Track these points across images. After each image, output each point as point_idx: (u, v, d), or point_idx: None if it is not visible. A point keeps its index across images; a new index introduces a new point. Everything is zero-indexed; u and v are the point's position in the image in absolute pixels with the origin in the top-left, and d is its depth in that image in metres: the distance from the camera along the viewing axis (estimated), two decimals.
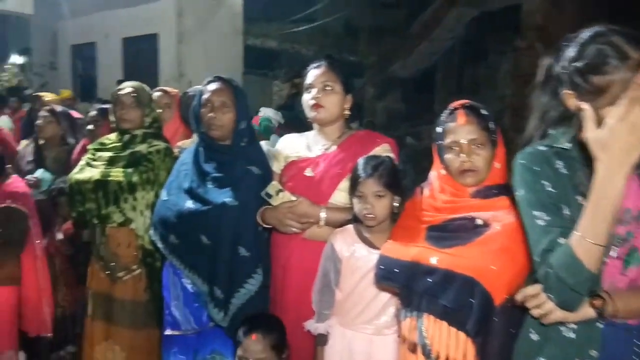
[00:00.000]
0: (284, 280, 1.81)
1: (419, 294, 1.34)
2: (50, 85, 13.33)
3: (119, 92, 2.27)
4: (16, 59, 16.27)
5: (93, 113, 2.68)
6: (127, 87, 2.29)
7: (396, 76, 8.89)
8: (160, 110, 2.60)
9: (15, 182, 2.42)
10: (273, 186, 1.76)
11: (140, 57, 10.51)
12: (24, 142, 3.08)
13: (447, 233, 1.35)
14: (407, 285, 1.37)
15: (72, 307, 2.70)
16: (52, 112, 2.76)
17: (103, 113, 2.65)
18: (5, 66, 15.91)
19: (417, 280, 1.34)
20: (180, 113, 2.62)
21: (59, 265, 2.66)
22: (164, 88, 2.80)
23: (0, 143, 2.88)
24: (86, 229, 2.37)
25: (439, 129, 1.41)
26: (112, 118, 2.31)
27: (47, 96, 3.16)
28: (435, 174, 1.47)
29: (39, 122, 2.74)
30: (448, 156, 1.38)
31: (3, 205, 2.29)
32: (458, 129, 1.36)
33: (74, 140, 2.84)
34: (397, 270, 1.38)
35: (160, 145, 2.29)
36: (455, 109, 1.39)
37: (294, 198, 1.74)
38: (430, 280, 1.30)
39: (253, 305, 1.83)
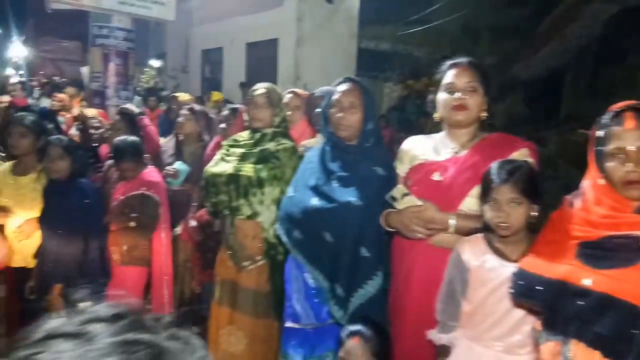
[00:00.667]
0: (406, 286, 1.75)
1: (566, 316, 1.20)
2: (182, 87, 14.67)
3: (253, 93, 2.38)
4: (154, 62, 18.17)
5: (226, 112, 2.86)
6: (260, 88, 2.39)
7: (519, 78, 8.30)
8: (290, 112, 2.68)
9: (151, 172, 2.65)
10: (399, 189, 1.71)
11: (262, 60, 11.07)
12: (162, 139, 3.39)
13: (605, 252, 1.18)
14: (552, 305, 1.23)
15: (198, 290, 2.90)
16: (191, 110, 2.99)
17: (234, 112, 2.82)
18: (145, 69, 17.83)
19: (565, 301, 1.19)
20: (307, 114, 2.67)
21: (190, 250, 2.87)
22: (296, 90, 2.88)
23: (145, 138, 3.18)
24: (218, 218, 2.52)
25: (599, 133, 1.25)
26: (245, 117, 2.43)
27: (183, 97, 3.42)
28: (590, 183, 1.30)
29: (179, 119, 2.99)
30: (610, 164, 1.21)
31: (139, 192, 2.52)
32: (625, 134, 1.18)
33: (209, 137, 3.05)
34: (540, 288, 1.25)
35: (288, 143, 2.35)
36: (622, 110, 1.22)
37: (420, 202, 1.67)
38: (583, 304, 1.15)
39: (372, 307, 1.79)
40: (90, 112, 3.40)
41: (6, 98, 6.13)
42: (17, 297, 2.96)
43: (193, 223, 2.71)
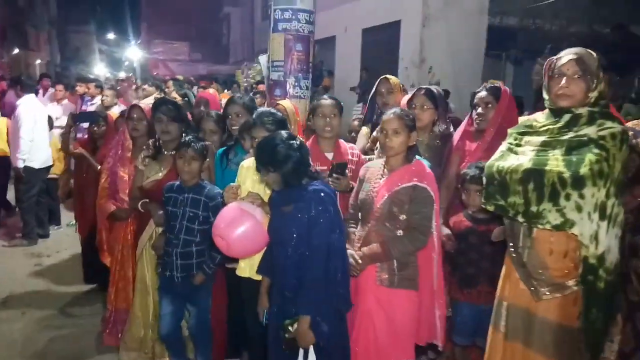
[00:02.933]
0: None
1: None
2: None
3: (558, 62, 1.76)
4: (262, 58, 18.36)
5: (482, 94, 2.26)
6: (569, 54, 1.76)
7: None
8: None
9: (420, 162, 2.11)
10: None
11: (380, 45, 10.50)
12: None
13: None
14: None
15: (448, 313, 2.33)
16: (429, 95, 2.42)
17: (495, 92, 2.21)
18: (254, 65, 18.08)
19: None
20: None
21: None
22: None
23: None
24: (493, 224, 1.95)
25: None
26: (545, 96, 1.82)
27: (394, 80, 2.84)
28: None
29: (417, 110, 2.41)
30: None
31: (410, 183, 1.99)
32: None
33: (444, 126, 2.47)
34: None
35: (615, 128, 1.70)
36: None
37: None
38: None
39: None
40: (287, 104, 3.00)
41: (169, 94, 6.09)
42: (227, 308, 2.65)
43: (446, 230, 2.16)
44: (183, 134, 2.62)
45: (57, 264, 4.46)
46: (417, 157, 2.31)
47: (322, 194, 1.93)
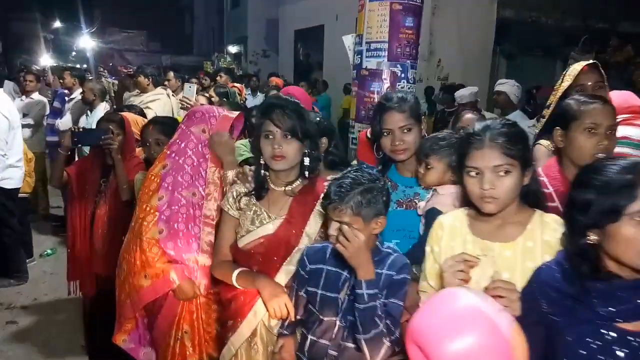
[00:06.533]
0: None
1: None
2: (264, 72, 13.26)
3: None
4: (230, 48, 16.98)
5: None
6: None
7: None
8: None
9: None
10: None
11: None
12: None
13: None
14: None
15: None
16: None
17: None
18: (224, 56, 16.64)
19: None
20: None
21: None
22: None
23: None
24: None
25: None
26: None
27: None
28: None
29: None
30: None
31: None
32: None
33: None
34: None
35: None
36: None
37: None
38: None
39: None
40: None
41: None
42: None
43: None
44: (306, 160, 1.53)
45: (38, 322, 3.18)
46: None
47: None
